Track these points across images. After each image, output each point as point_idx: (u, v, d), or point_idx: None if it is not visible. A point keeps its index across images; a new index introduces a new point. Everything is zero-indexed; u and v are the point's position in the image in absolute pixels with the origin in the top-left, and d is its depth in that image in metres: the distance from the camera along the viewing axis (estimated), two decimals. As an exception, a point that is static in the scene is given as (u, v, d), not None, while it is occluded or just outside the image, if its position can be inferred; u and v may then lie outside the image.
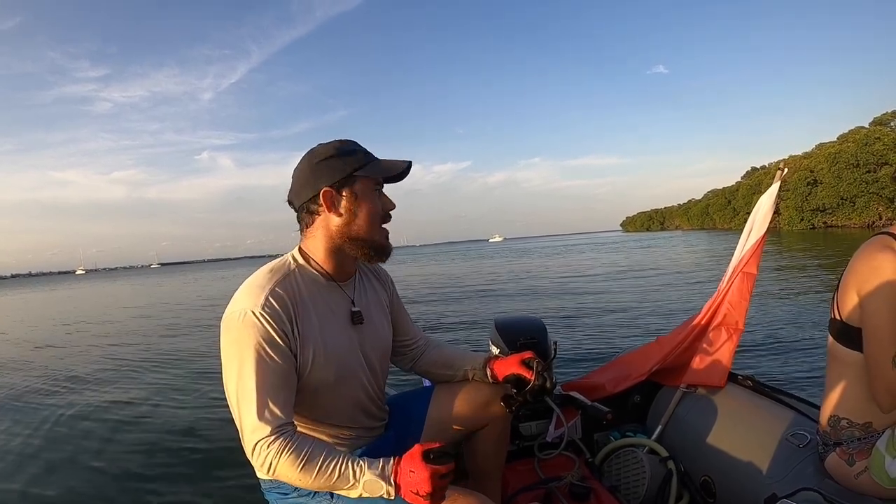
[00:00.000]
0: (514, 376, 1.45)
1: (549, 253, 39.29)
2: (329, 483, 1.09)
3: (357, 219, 1.25)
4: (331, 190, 1.24)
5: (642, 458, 1.81)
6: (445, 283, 17.46)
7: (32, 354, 8.86)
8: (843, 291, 1.34)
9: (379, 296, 1.49)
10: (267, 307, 1.14)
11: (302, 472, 1.08)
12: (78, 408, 4.92)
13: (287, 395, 1.15)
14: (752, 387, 1.89)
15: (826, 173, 50.50)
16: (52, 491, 3.18)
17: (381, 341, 1.43)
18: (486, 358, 1.52)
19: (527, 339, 2.05)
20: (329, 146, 1.27)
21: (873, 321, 1.25)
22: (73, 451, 3.82)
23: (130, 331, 11.35)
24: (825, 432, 1.41)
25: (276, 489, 1.28)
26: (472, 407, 1.48)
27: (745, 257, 1.95)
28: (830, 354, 1.41)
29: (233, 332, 1.14)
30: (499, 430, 1.54)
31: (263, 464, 1.09)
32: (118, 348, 8.87)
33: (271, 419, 1.09)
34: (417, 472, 1.04)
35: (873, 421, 1.32)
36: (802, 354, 5.06)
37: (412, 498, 1.05)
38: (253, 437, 1.09)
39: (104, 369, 6.85)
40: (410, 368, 1.62)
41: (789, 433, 1.58)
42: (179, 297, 21.55)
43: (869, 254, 1.28)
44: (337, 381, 1.28)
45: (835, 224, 51.03)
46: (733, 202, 79.34)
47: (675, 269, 16.25)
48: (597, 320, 7.96)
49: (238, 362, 1.12)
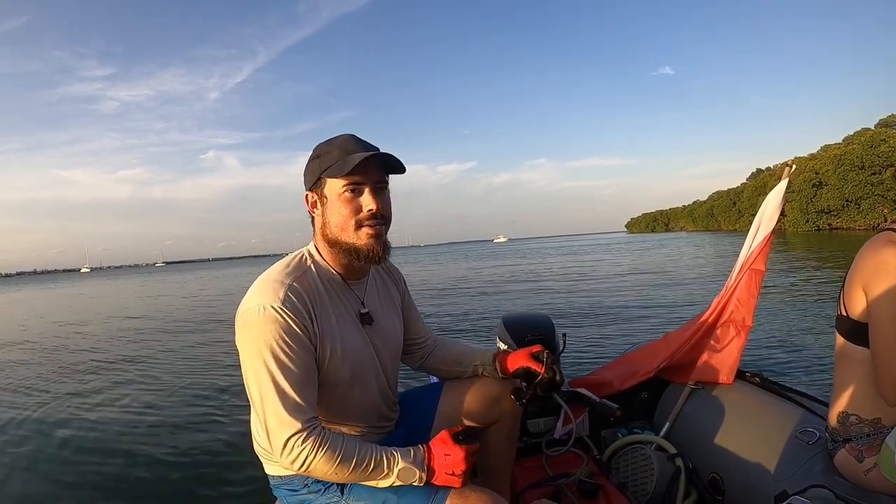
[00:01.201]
0: (523, 370, 1.45)
1: (555, 253, 39.32)
2: (364, 476, 1.11)
3: (329, 222, 1.23)
4: (309, 193, 1.26)
5: (650, 455, 1.81)
6: (450, 284, 17.48)
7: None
8: (850, 288, 1.34)
9: (392, 295, 1.48)
10: (287, 302, 1.13)
11: (339, 466, 1.09)
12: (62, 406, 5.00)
13: (312, 390, 1.16)
14: (761, 384, 1.89)
15: (831, 175, 50.20)
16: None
17: (392, 340, 1.43)
18: (495, 353, 1.52)
19: (535, 336, 2.05)
20: (317, 147, 1.26)
21: (879, 316, 1.25)
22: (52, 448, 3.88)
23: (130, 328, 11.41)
24: (834, 429, 1.41)
25: (286, 485, 1.28)
26: (481, 403, 1.47)
27: (754, 254, 1.93)
28: (838, 352, 1.41)
29: (253, 328, 1.12)
30: (508, 426, 1.53)
31: (297, 459, 1.08)
32: (113, 344, 8.91)
33: (300, 414, 1.09)
34: (453, 454, 1.11)
35: (882, 416, 1.32)
36: (810, 352, 5.07)
37: (447, 479, 1.12)
38: (283, 433, 1.08)
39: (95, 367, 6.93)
40: (420, 367, 1.61)
41: (798, 430, 1.58)
42: (185, 293, 21.67)
43: (874, 250, 1.29)
44: (352, 379, 1.28)
45: (840, 226, 50.76)
46: (738, 204, 79.01)
47: (683, 270, 16.22)
48: (604, 319, 8.01)
49: (259, 358, 1.10)
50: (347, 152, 1.19)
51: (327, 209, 1.23)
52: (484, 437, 1.53)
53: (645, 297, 10.41)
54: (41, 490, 3.21)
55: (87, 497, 3.08)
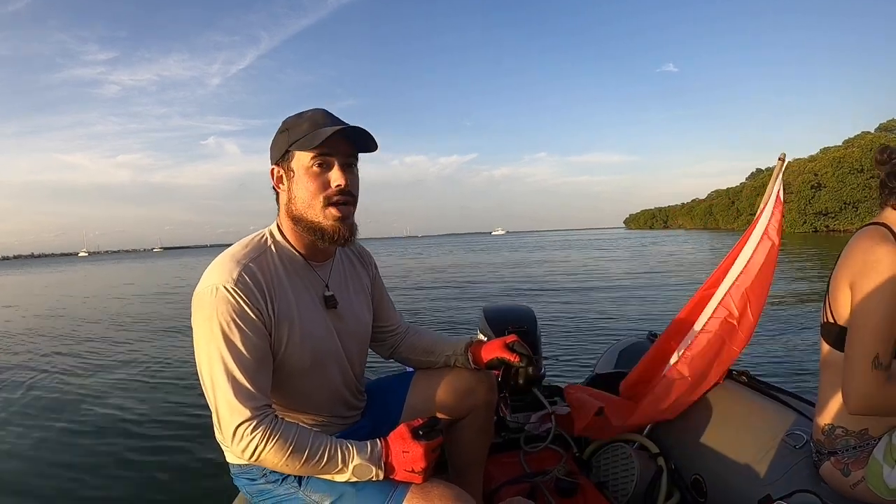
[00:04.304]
0: (497, 360, 1.38)
1: (549, 247, 39.34)
2: (317, 469, 1.05)
3: (295, 197, 1.17)
4: (275, 167, 1.20)
5: (631, 455, 1.74)
6: (445, 273, 17.46)
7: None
8: (835, 288, 1.24)
9: (361, 279, 1.42)
10: (241, 282, 1.07)
11: (290, 457, 1.03)
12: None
13: (265, 376, 1.09)
14: (749, 384, 1.81)
15: (830, 177, 50.38)
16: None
17: (359, 327, 1.36)
18: (469, 342, 1.45)
19: (516, 328, 1.98)
20: (286, 120, 1.20)
21: (863, 316, 1.16)
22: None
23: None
24: (819, 441, 1.33)
25: (245, 475, 1.21)
26: (452, 395, 1.40)
27: (751, 251, 1.80)
28: (823, 360, 1.32)
29: (205, 308, 1.06)
30: (481, 419, 1.46)
31: (246, 449, 1.02)
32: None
33: (251, 401, 1.03)
34: (412, 451, 1.05)
35: (869, 427, 1.24)
36: (801, 351, 5.01)
37: (407, 476, 1.06)
38: (232, 421, 1.02)
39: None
40: (390, 355, 1.55)
41: (785, 433, 1.50)
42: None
43: (867, 247, 1.18)
44: (312, 365, 1.22)
45: (837, 228, 50.92)
46: (737, 203, 79.25)
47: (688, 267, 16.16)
48: (597, 317, 7.90)
49: (211, 341, 1.05)
50: (318, 125, 1.14)
51: (294, 184, 1.17)
52: (455, 430, 1.48)
53: (639, 294, 10.38)
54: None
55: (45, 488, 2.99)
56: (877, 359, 1.13)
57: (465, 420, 1.45)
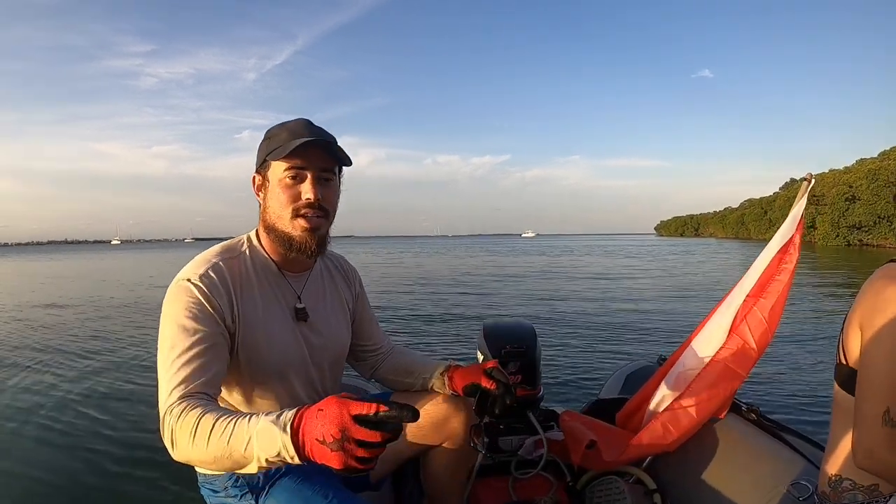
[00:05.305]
0: (472, 386, 1.30)
1: (580, 252, 38.86)
2: (226, 445, 0.82)
3: (269, 206, 1.18)
4: (255, 175, 1.21)
5: (625, 490, 1.64)
6: (475, 277, 17.36)
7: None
8: (848, 329, 1.13)
9: (340, 295, 1.39)
10: (205, 278, 1.08)
11: (198, 433, 0.85)
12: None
13: (210, 371, 1.00)
14: (756, 421, 1.70)
15: (865, 190, 48.83)
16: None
17: (333, 342, 1.32)
18: (447, 366, 1.38)
19: (513, 347, 1.89)
20: (270, 129, 1.20)
21: (873, 365, 1.05)
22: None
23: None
24: (824, 494, 1.21)
25: (209, 485, 1.19)
26: (428, 422, 1.34)
27: (766, 273, 1.69)
28: (836, 404, 1.19)
29: (167, 300, 1.07)
30: (457, 448, 1.39)
31: (165, 435, 0.91)
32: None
33: (183, 387, 0.95)
34: (328, 410, 0.75)
35: (880, 484, 1.12)
36: (821, 387, 4.47)
37: (317, 451, 0.75)
38: (161, 409, 0.94)
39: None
40: (371, 376, 1.50)
41: (790, 481, 1.39)
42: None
43: (880, 287, 1.06)
44: (278, 375, 1.19)
45: (870, 243, 49.38)
46: (769, 213, 77.28)
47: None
48: (612, 334, 7.40)
49: (165, 329, 1.03)
50: (295, 136, 1.12)
51: (269, 193, 1.18)
52: (430, 458, 1.42)
53: (661, 309, 9.83)
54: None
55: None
56: (887, 413, 1.01)
57: (439, 448, 1.39)
